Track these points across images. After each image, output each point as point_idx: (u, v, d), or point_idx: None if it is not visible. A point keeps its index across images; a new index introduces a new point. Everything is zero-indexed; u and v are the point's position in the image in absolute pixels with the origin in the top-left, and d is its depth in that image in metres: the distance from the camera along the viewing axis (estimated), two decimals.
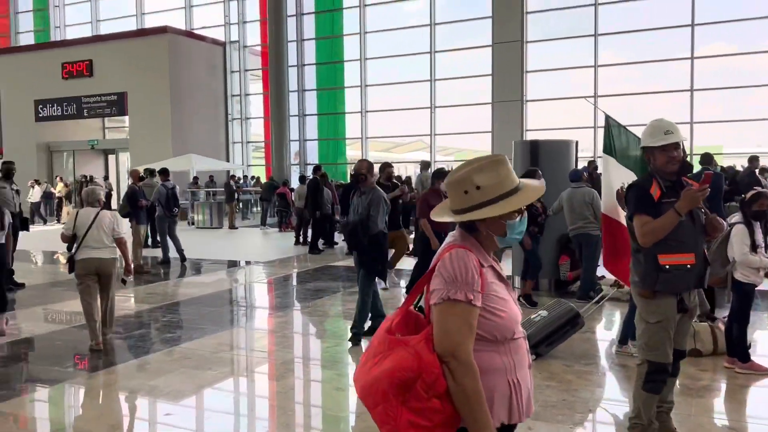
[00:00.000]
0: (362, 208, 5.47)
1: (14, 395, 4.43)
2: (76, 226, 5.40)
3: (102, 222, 5.42)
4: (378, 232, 5.46)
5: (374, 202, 5.45)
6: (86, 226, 5.36)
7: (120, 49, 22.69)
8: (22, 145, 24.96)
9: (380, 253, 5.59)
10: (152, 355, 5.33)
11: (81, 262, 5.39)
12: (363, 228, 5.39)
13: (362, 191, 5.57)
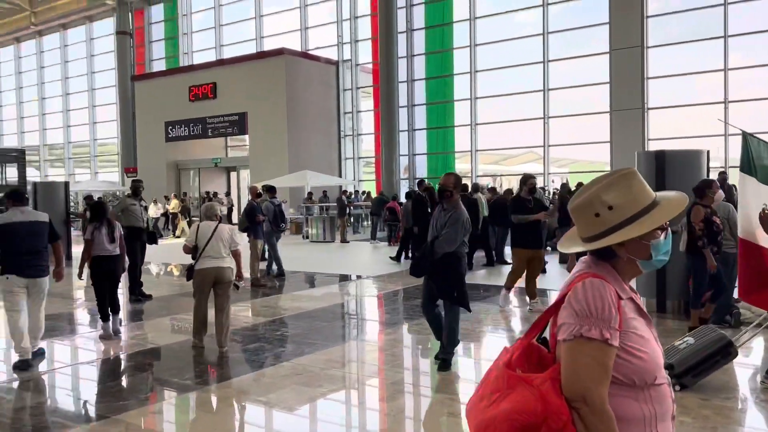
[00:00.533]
0: (440, 226, 5.08)
1: (134, 406, 4.63)
2: (198, 238, 5.82)
3: (221, 234, 5.85)
4: (451, 253, 5.03)
5: (452, 220, 5.03)
6: (207, 238, 5.79)
7: (241, 71, 23.97)
8: (154, 163, 26.97)
9: (454, 277, 5.09)
10: (265, 369, 5.42)
11: (200, 271, 5.84)
12: (431, 250, 5.03)
13: (444, 207, 5.18)
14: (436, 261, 5.03)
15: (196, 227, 5.94)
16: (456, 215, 5.04)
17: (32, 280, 5.63)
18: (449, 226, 5.02)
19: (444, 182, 5.17)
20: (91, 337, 6.86)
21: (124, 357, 6.11)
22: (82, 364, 6.05)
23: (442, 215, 5.13)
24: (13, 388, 5.16)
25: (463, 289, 5.14)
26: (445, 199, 5.14)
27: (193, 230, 5.97)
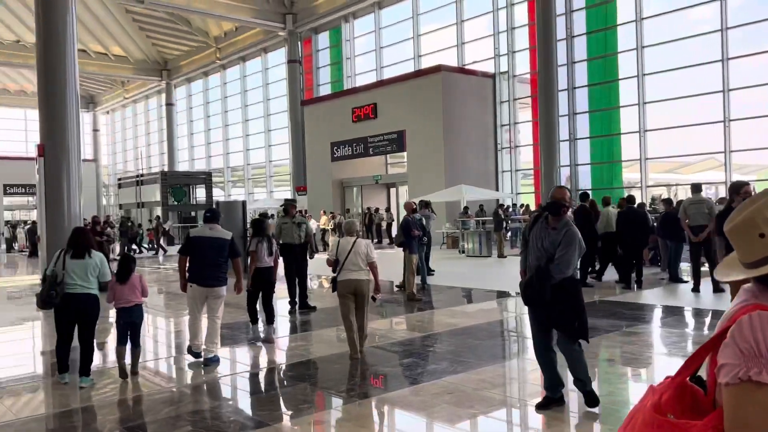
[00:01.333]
0: (549, 246, 4.45)
1: (292, 415, 4.89)
2: (338, 252, 6.31)
3: (358, 249, 6.29)
4: (568, 278, 4.45)
5: (568, 239, 4.39)
6: (346, 252, 6.26)
7: (399, 90, 24.67)
8: (321, 182, 28.60)
9: (574, 305, 4.48)
10: (416, 386, 5.44)
11: (342, 282, 6.29)
12: (546, 274, 4.39)
13: (552, 226, 4.50)
14: (550, 287, 4.38)
15: (337, 242, 6.47)
16: (571, 234, 4.42)
17: (210, 289, 6.36)
18: (565, 246, 4.39)
19: (560, 196, 4.52)
20: (255, 345, 7.38)
21: (285, 367, 6.49)
22: (241, 373, 6.51)
23: (551, 234, 4.47)
24: (178, 394, 5.68)
25: (583, 317, 4.51)
26: (559, 215, 4.49)
27: (334, 245, 6.49)
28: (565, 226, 4.45)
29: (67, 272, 5.59)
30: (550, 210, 4.49)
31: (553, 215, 4.49)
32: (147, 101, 47.28)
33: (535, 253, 4.51)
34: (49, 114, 11.94)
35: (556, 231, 4.45)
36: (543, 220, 4.54)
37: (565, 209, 4.47)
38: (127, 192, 36.68)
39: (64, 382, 5.75)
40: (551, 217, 4.50)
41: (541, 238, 4.50)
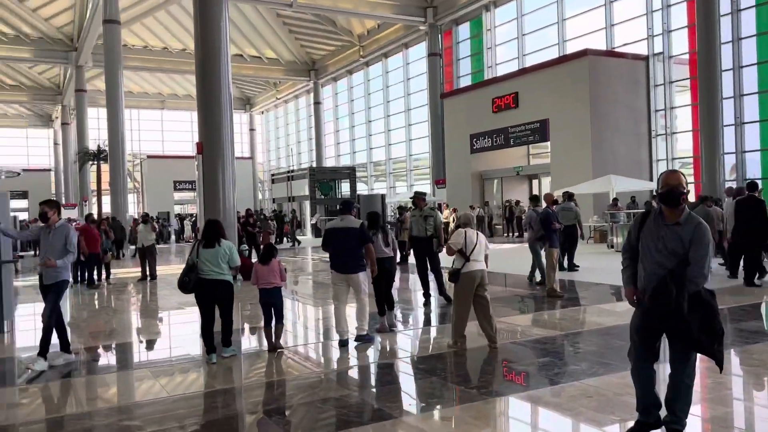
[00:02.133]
0: (676, 245, 3.62)
1: (422, 409, 4.82)
2: (466, 244, 6.39)
3: (481, 240, 6.49)
4: (705, 290, 3.62)
5: (700, 235, 3.58)
6: (473, 244, 6.39)
7: (542, 78, 23.76)
8: (460, 174, 28.38)
9: (710, 318, 3.57)
10: (554, 387, 5.16)
11: (468, 274, 6.37)
12: (683, 280, 3.54)
13: (670, 221, 3.66)
14: (687, 297, 3.54)
15: (464, 233, 6.47)
16: (704, 228, 3.62)
17: (347, 276, 6.86)
18: (698, 243, 3.58)
19: (675, 181, 3.64)
20: (386, 335, 7.41)
21: (417, 359, 6.45)
22: (374, 363, 6.56)
23: (672, 230, 3.64)
24: (314, 380, 5.82)
25: (721, 335, 3.58)
26: (677, 205, 3.65)
27: (460, 235, 6.48)
28: (690, 219, 3.64)
29: (201, 260, 6.31)
30: (666, 200, 3.64)
31: (669, 206, 3.66)
32: (297, 101, 49.83)
33: (655, 258, 3.67)
34: (207, 115, 12.91)
35: (680, 226, 3.64)
36: (656, 215, 3.74)
37: (684, 197, 3.64)
38: (279, 187, 38.97)
39: (212, 362, 6.23)
40: (667, 210, 3.68)
41: (660, 238, 3.67)
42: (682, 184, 3.65)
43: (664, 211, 3.71)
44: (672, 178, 3.66)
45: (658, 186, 3.68)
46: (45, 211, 6.60)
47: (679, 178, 3.67)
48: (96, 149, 35.26)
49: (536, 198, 11.96)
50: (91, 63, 35.41)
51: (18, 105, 50.51)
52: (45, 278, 6.50)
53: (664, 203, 3.68)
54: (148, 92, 49.93)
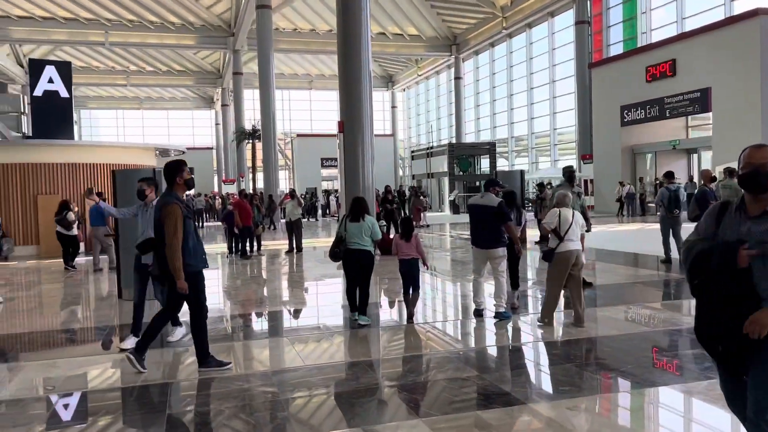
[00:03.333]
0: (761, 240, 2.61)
1: (548, 398, 4.68)
2: (560, 222, 6.48)
3: (578, 220, 6.58)
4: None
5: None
6: (568, 223, 6.47)
7: (704, 43, 21.68)
8: (609, 149, 26.83)
9: None
10: (709, 381, 4.77)
11: (564, 254, 6.46)
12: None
13: (747, 216, 2.70)
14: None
15: (558, 212, 6.55)
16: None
17: (487, 251, 7.05)
18: None
19: (763, 158, 2.66)
20: (516, 314, 7.26)
21: (560, 343, 6.25)
22: (504, 346, 6.44)
23: (758, 225, 2.64)
24: (443, 358, 5.84)
25: None
26: (764, 192, 2.66)
27: (554, 214, 6.59)
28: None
29: (348, 233, 7.01)
30: (748, 184, 2.67)
31: (754, 193, 2.68)
32: (437, 76, 49.75)
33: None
34: (348, 93, 13.28)
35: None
36: (737, 207, 2.76)
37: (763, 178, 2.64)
38: (418, 163, 39.33)
39: (354, 318, 7.02)
40: (750, 198, 2.71)
41: (746, 235, 2.65)
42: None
43: (746, 200, 2.73)
44: (758, 155, 2.68)
45: (739, 165, 2.73)
46: (142, 188, 6.49)
47: (766, 154, 2.67)
48: (251, 129, 37.75)
49: (670, 174, 11.54)
50: (246, 47, 37.78)
51: (184, 89, 55.28)
52: (144, 258, 6.19)
53: (745, 188, 2.70)
54: (298, 73, 52.35)
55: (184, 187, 5.35)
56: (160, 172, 6.42)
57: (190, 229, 5.23)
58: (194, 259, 5.24)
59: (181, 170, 5.28)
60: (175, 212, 5.07)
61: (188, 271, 5.16)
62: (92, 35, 37.19)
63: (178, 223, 5.06)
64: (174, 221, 5.05)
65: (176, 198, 5.20)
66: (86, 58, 45.60)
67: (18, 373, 5.57)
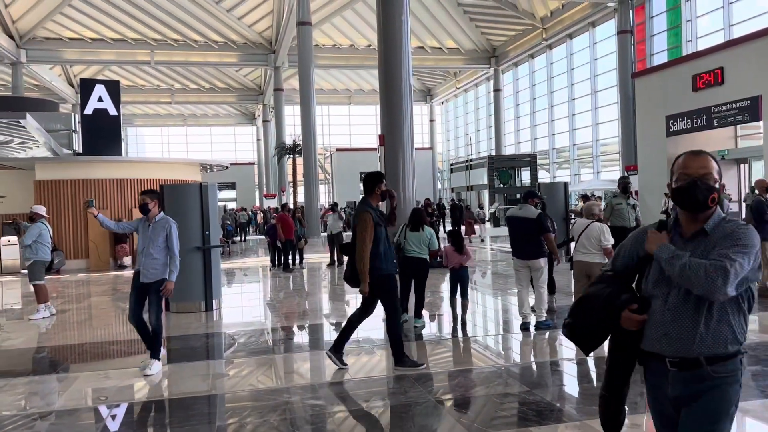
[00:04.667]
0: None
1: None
2: (573, 232, 6.90)
3: (590, 232, 6.65)
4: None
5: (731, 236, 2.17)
6: (578, 234, 6.73)
7: (753, 49, 21.04)
8: (654, 160, 26.21)
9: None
10: (755, 401, 4.56)
11: (576, 263, 6.77)
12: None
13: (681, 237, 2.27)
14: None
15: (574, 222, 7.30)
16: (742, 232, 2.17)
17: (525, 262, 7.16)
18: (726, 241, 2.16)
19: (701, 168, 2.22)
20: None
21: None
22: (558, 360, 6.28)
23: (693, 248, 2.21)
24: (491, 373, 5.72)
25: None
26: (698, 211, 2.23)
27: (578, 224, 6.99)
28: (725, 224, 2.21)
29: (407, 241, 7.49)
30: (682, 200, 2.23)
31: (693, 211, 2.23)
32: (476, 89, 49.58)
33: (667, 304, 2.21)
34: (389, 107, 13.32)
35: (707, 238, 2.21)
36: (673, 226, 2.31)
37: (715, 195, 2.21)
38: (457, 176, 39.18)
39: (403, 321, 7.03)
40: (687, 218, 2.26)
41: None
42: (710, 174, 2.20)
43: (681, 218, 2.29)
44: (696, 164, 2.22)
45: (672, 177, 2.27)
46: (145, 201, 5.94)
47: (705, 163, 2.21)
48: (291, 144, 38.22)
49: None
50: (287, 63, 38.37)
51: (227, 105, 56.42)
52: (143, 276, 5.85)
53: (680, 205, 2.24)
54: (337, 89, 52.89)
55: (379, 198, 5.58)
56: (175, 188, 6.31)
57: (381, 235, 5.47)
58: (385, 263, 5.48)
59: (380, 181, 5.59)
60: (367, 220, 5.34)
61: (379, 275, 5.43)
62: (139, 55, 38.35)
63: (368, 230, 5.31)
64: (365, 228, 5.32)
65: (370, 206, 5.48)
66: (133, 77, 47.01)
67: (71, 383, 5.68)
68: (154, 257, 5.81)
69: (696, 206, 2.20)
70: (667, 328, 2.17)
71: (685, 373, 2.15)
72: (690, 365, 2.14)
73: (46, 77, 39.87)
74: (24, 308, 10.62)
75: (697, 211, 2.21)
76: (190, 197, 9.39)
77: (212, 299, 9.46)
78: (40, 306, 9.42)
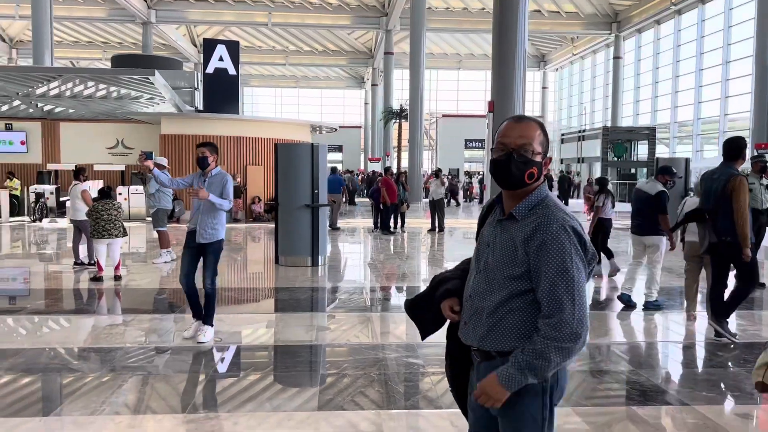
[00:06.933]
0: (503, 257, 1.93)
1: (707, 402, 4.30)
2: (684, 209, 6.48)
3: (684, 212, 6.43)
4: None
5: (543, 246, 1.84)
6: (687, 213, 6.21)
7: None
8: None
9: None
10: None
11: (689, 243, 6.43)
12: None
13: (500, 216, 2.01)
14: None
15: (684, 203, 6.72)
16: (551, 232, 1.84)
17: (639, 237, 7.07)
18: (540, 258, 1.85)
19: (519, 137, 1.94)
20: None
21: (717, 343, 5.75)
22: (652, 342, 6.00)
23: (503, 229, 1.96)
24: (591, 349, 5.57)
25: None
26: (514, 187, 1.96)
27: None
28: (539, 209, 1.92)
29: None
30: (499, 176, 1.96)
31: (507, 187, 1.98)
32: (594, 56, 47.19)
33: (471, 283, 2.07)
34: (500, 73, 12.99)
35: (515, 222, 1.93)
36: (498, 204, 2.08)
37: (535, 171, 1.93)
38: (568, 147, 37.70)
39: None
40: (506, 195, 2.01)
41: (490, 242, 2.01)
42: (529, 144, 1.92)
43: (503, 196, 2.03)
44: (515, 133, 1.93)
45: (492, 145, 2.00)
46: (205, 155, 5.43)
47: (525, 132, 1.93)
48: (398, 108, 38.32)
49: None
50: (398, 27, 38.22)
51: (338, 68, 57.27)
52: (199, 236, 5.42)
53: (496, 180, 1.98)
54: (447, 53, 52.15)
55: (741, 162, 5.67)
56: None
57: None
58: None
59: (745, 146, 5.57)
60: (745, 184, 5.43)
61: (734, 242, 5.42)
62: (257, 16, 39.56)
63: (746, 195, 5.41)
64: (744, 192, 5.39)
65: (739, 172, 5.54)
66: (251, 38, 48.67)
67: (187, 324, 6.13)
68: (211, 215, 5.40)
69: (509, 182, 1.92)
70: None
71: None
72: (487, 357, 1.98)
73: (172, 37, 42.14)
74: (148, 252, 11.53)
75: (512, 187, 1.94)
76: (301, 156, 9.70)
77: (318, 255, 9.81)
78: (163, 251, 10.19)
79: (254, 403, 4.06)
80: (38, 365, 4.83)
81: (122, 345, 5.39)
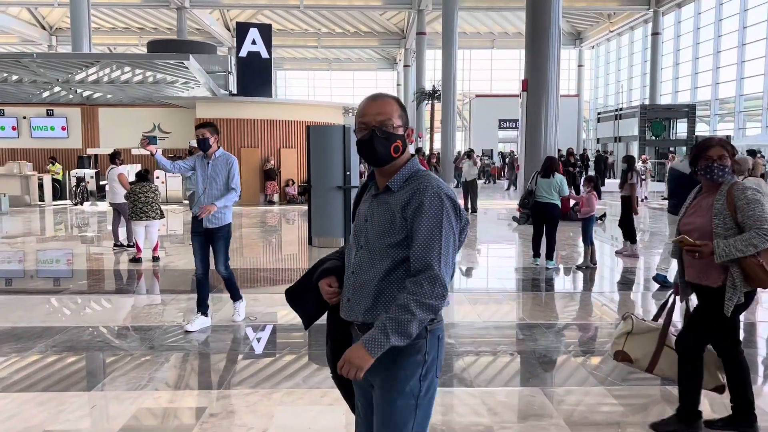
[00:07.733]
0: (382, 230, 1.96)
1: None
2: None
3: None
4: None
5: (420, 208, 1.88)
6: None
7: None
8: None
9: None
10: None
11: None
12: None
13: (374, 191, 2.04)
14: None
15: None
16: (428, 197, 1.90)
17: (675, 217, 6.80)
18: (418, 218, 1.89)
19: (379, 114, 1.97)
20: None
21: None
22: None
23: (380, 203, 2.00)
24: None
25: None
26: (379, 163, 2.00)
27: None
28: (414, 179, 1.96)
29: (538, 187, 7.97)
30: (365, 153, 1.99)
31: (374, 165, 2.02)
32: (632, 32, 45.95)
33: (350, 257, 2.09)
34: (534, 51, 12.78)
35: (390, 194, 1.97)
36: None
37: (399, 143, 1.98)
38: (605, 126, 37.03)
39: (536, 264, 8.15)
40: (377, 172, 2.05)
41: (368, 216, 2.03)
42: (389, 120, 1.96)
43: (375, 173, 2.07)
44: (373, 110, 1.97)
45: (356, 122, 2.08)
46: (206, 136, 5.12)
47: (383, 108, 1.97)
48: (431, 89, 38.05)
49: None
50: (431, 6, 37.80)
51: (369, 50, 57.02)
52: (206, 221, 5.20)
53: (363, 159, 2.05)
54: (480, 32, 51.41)
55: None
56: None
57: None
58: None
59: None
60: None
61: None
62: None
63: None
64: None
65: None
66: (283, 21, 48.76)
67: (223, 304, 6.26)
68: (217, 199, 5.13)
69: (378, 159, 1.96)
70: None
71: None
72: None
73: (206, 21, 42.49)
74: (185, 234, 11.76)
75: (382, 163, 1.97)
76: (333, 138, 9.74)
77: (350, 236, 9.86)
78: None
79: (290, 380, 4.13)
80: (81, 343, 5.01)
81: (161, 324, 5.54)
